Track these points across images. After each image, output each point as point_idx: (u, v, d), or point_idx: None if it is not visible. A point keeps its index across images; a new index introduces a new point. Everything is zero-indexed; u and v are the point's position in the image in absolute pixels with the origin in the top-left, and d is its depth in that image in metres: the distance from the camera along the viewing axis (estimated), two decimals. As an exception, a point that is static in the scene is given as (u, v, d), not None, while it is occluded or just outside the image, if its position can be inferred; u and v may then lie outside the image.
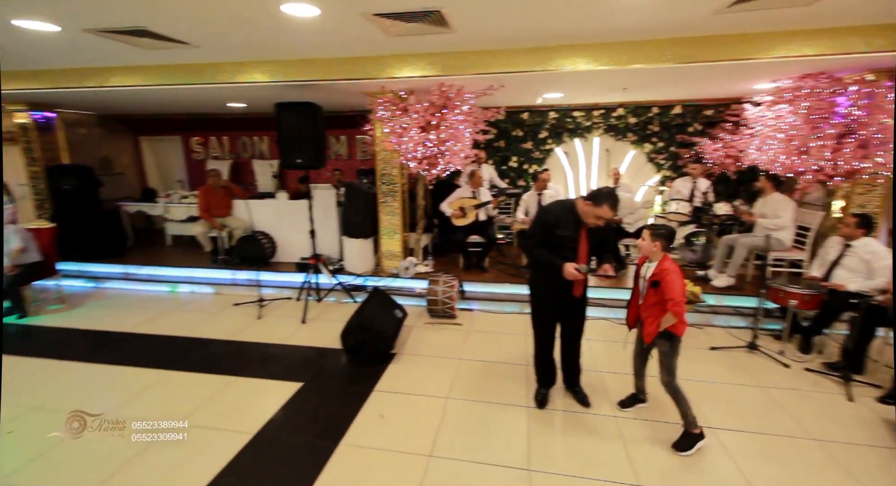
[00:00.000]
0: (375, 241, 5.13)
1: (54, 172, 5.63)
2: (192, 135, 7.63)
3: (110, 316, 4.25)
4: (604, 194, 2.26)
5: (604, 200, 2.24)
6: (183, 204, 6.26)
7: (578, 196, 2.39)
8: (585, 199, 2.31)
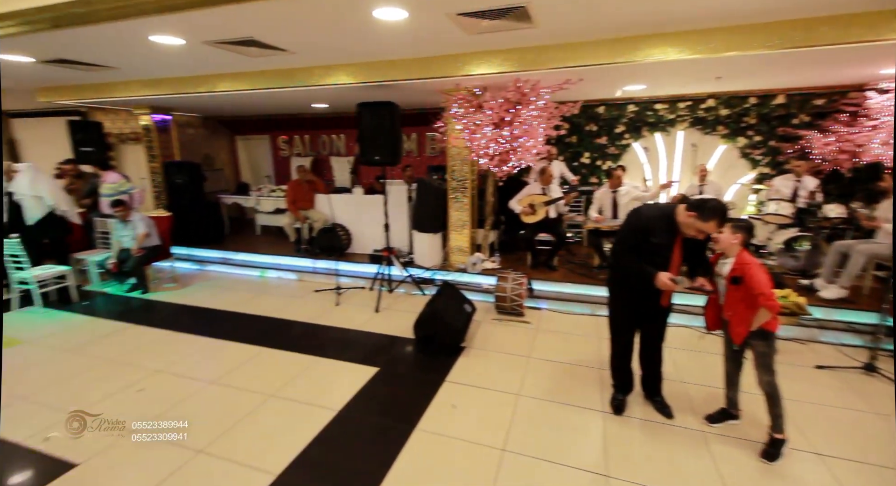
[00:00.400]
0: (444, 236, 5.25)
1: (169, 167, 6.48)
2: (279, 134, 8.33)
3: (213, 296, 4.81)
4: (713, 208, 2.07)
5: (712, 215, 2.06)
6: (271, 197, 6.88)
7: (679, 203, 2.24)
8: (689, 208, 2.13)
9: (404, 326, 3.85)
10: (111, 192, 5.25)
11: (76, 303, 4.59)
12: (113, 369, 3.17)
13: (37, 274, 4.32)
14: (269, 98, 5.63)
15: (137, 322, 4.06)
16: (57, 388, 2.92)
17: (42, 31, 3.07)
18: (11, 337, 3.73)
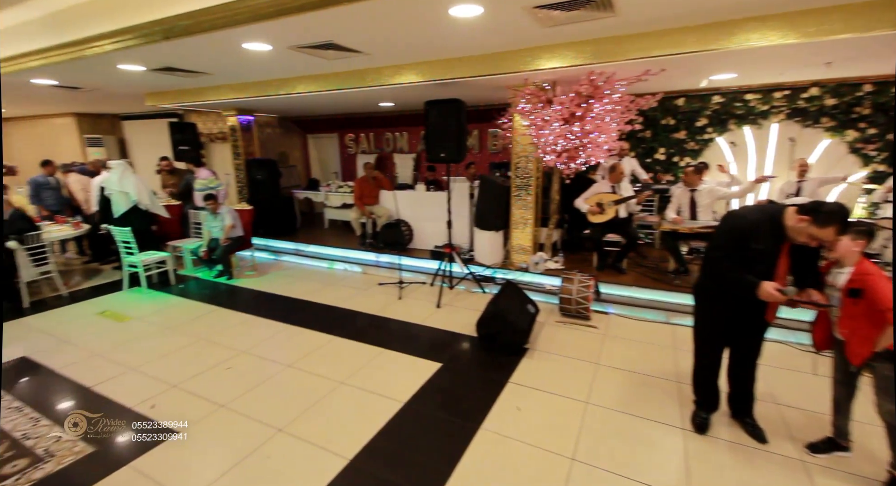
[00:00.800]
0: (505, 234, 5.18)
1: (251, 164, 7.04)
2: (346, 132, 8.71)
3: (288, 284, 5.16)
4: (831, 212, 1.80)
5: (830, 220, 1.79)
6: (339, 193, 7.22)
7: (788, 205, 1.99)
8: (801, 212, 1.87)
9: (465, 323, 3.85)
10: (202, 187, 5.82)
11: (173, 285, 5.16)
12: (205, 348, 3.51)
13: (143, 259, 4.91)
14: (341, 98, 5.88)
15: (224, 306, 4.46)
16: (160, 361, 3.29)
17: (154, 42, 3.45)
18: (122, 314, 4.27)
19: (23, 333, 3.85)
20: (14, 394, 2.85)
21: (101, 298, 4.75)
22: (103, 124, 9.81)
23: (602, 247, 4.75)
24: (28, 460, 2.21)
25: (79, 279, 5.39)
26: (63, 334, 3.81)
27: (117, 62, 4.23)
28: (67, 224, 5.43)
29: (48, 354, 3.42)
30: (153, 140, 9.47)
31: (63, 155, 9.88)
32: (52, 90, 5.94)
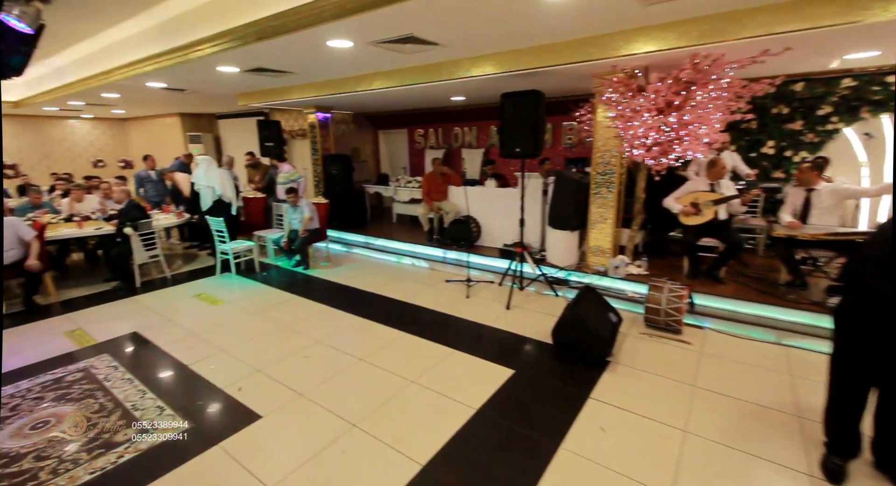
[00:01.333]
0: (581, 234, 4.84)
1: (327, 159, 7.35)
2: (415, 127, 8.78)
3: (359, 277, 5.29)
4: None
5: None
6: (407, 188, 7.29)
7: None
8: None
9: (538, 327, 3.65)
10: (285, 180, 6.16)
11: (258, 273, 5.53)
12: (285, 334, 3.68)
13: (234, 247, 5.31)
14: (413, 93, 5.89)
15: (301, 295, 4.68)
16: (246, 345, 3.51)
17: (248, 43, 3.64)
18: (215, 297, 4.65)
19: (135, 309, 4.34)
20: (125, 366, 3.18)
21: (198, 281, 5.23)
22: (202, 123, 10.88)
23: (696, 252, 4.25)
24: (136, 430, 2.43)
25: (179, 263, 5.99)
26: (166, 312, 4.23)
27: (216, 64, 4.57)
28: (172, 213, 6.06)
29: (154, 330, 3.81)
30: (243, 137, 10.31)
31: (169, 149, 11.15)
32: (162, 92, 6.65)
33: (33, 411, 2.63)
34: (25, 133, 10.51)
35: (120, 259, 4.93)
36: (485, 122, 7.71)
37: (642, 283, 4.12)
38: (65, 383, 2.95)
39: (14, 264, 4.25)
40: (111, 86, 5.91)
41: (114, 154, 11.91)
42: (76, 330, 3.83)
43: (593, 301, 3.33)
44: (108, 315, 4.20)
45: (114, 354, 3.37)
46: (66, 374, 3.08)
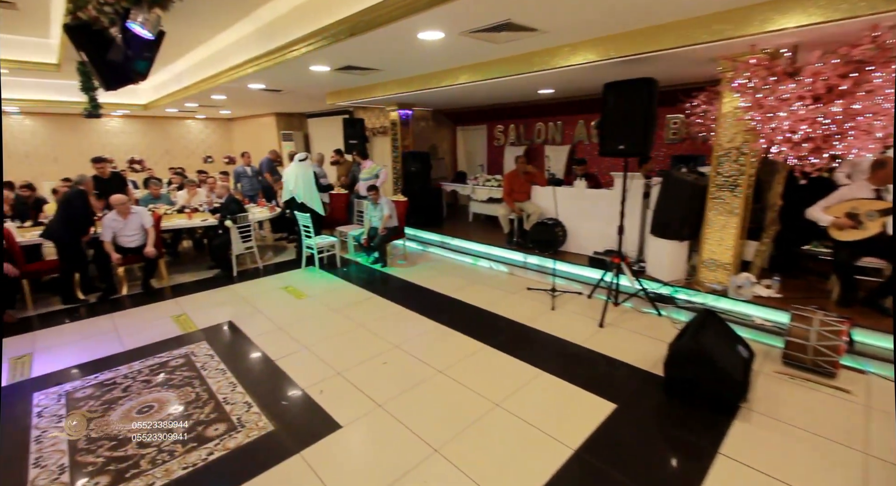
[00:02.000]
0: (692, 245, 4.17)
1: (406, 157, 7.33)
2: (495, 123, 8.44)
3: (435, 277, 5.14)
4: None
5: None
6: (486, 186, 7.00)
7: None
8: None
9: (638, 352, 3.16)
10: (367, 175, 6.22)
11: (338, 268, 5.65)
12: (364, 336, 3.62)
13: (318, 243, 5.47)
14: (499, 87, 5.55)
15: (380, 293, 4.63)
16: (327, 344, 3.50)
17: (342, 40, 3.60)
18: (300, 291, 4.79)
19: (231, 298, 4.62)
20: (220, 355, 3.33)
21: (285, 274, 5.46)
22: (294, 122, 11.61)
23: (851, 274, 3.41)
24: (225, 426, 2.47)
25: (270, 254, 6.36)
26: (257, 303, 4.43)
27: (309, 64, 4.66)
28: (265, 207, 6.44)
29: (246, 320, 3.98)
30: (329, 134, 10.80)
31: (265, 146, 12.08)
32: (261, 94, 7.09)
33: (141, 393, 2.81)
34: (151, 132, 12.08)
35: (221, 249, 5.31)
36: (572, 116, 7.13)
37: (775, 308, 3.40)
38: (169, 367, 3.15)
39: (136, 249, 4.76)
40: (219, 88, 6.41)
41: (220, 151, 13.24)
42: (181, 315, 4.15)
43: (717, 329, 2.77)
44: (208, 302, 4.51)
45: (211, 342, 3.56)
46: (171, 358, 3.29)
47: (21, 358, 3.33)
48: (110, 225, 4.65)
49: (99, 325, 3.95)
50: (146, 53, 3.39)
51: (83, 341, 3.62)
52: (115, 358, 3.32)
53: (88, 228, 4.59)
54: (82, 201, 4.42)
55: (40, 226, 4.85)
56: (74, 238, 4.42)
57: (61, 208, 4.34)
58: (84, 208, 4.46)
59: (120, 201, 4.64)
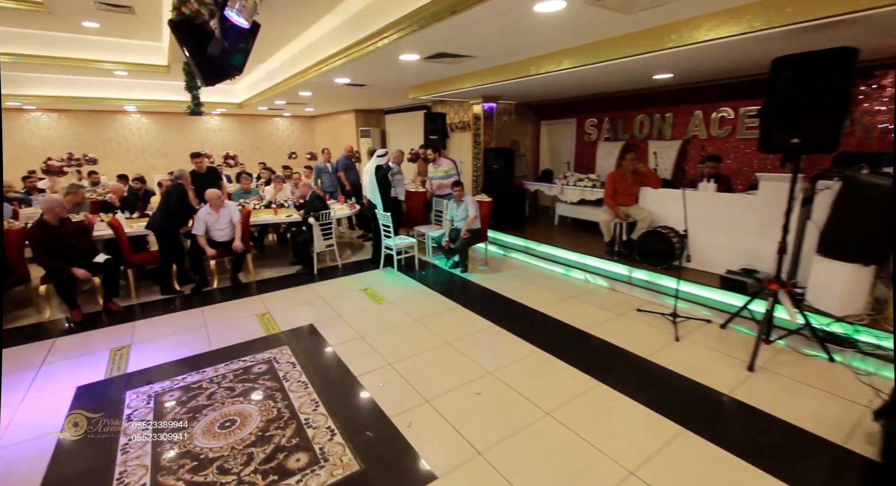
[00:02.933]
0: (880, 270, 3.17)
1: (488, 153, 6.83)
2: (587, 116, 7.61)
3: (522, 288, 4.60)
4: None
5: None
6: (577, 187, 6.28)
7: None
8: None
9: (813, 413, 2.39)
10: (441, 175, 5.83)
11: (416, 271, 5.33)
12: (451, 356, 3.20)
13: (397, 243, 5.19)
14: (609, 72, 4.82)
15: (463, 303, 4.20)
16: (412, 362, 3.13)
17: (439, 20, 3.18)
18: (379, 295, 4.52)
19: (311, 298, 4.48)
20: (302, 365, 3.11)
21: (363, 274, 5.27)
22: (372, 119, 11.67)
23: None
24: (308, 457, 2.18)
25: (349, 253, 6.24)
26: (337, 305, 4.23)
27: (399, 52, 4.34)
28: (345, 204, 6.34)
29: (327, 324, 3.78)
30: (406, 131, 10.67)
31: (343, 143, 12.32)
32: (345, 89, 7.03)
33: (224, 403, 2.65)
34: (244, 129, 12.88)
35: (303, 246, 5.25)
36: (687, 106, 6.12)
37: None
38: (252, 374, 2.99)
39: (226, 243, 4.82)
40: (306, 84, 6.41)
41: (303, 147, 13.80)
42: (265, 314, 4.07)
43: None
44: (290, 301, 4.41)
45: (293, 348, 3.38)
46: (254, 363, 3.14)
47: (121, 350, 3.40)
48: (203, 218, 4.75)
49: (190, 319, 3.99)
50: (241, 45, 3.27)
51: (175, 336, 3.64)
52: (203, 358, 3.25)
53: (186, 221, 4.72)
54: (180, 195, 4.55)
55: (146, 217, 5.12)
56: (173, 230, 4.57)
57: (163, 201, 4.50)
58: (182, 201, 4.59)
59: (214, 195, 4.72)
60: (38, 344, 3.50)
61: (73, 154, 8.34)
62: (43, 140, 10.05)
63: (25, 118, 9.85)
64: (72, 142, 10.35)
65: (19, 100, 8.29)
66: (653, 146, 6.48)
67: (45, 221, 3.86)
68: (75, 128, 10.38)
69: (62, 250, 3.90)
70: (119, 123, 10.94)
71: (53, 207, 3.88)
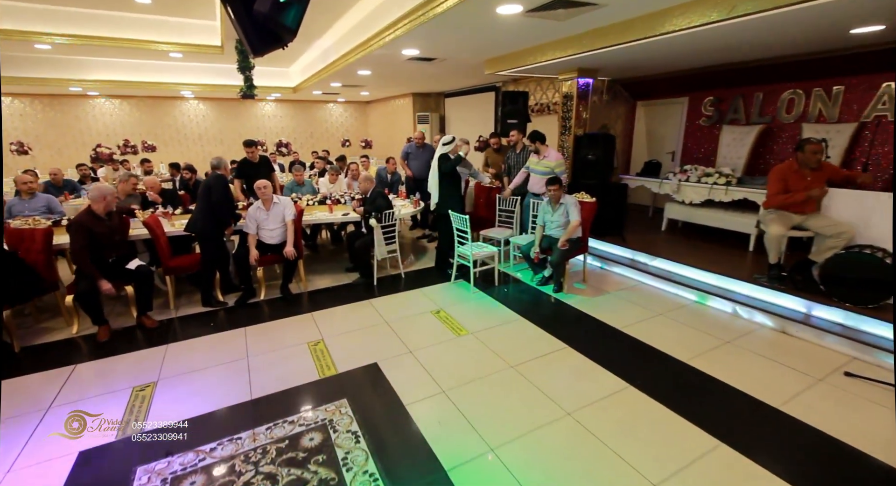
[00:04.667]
0: None
1: (581, 141, 5.59)
2: (704, 94, 6.10)
3: (648, 324, 3.43)
4: None
5: None
6: (702, 185, 4.91)
7: None
8: None
9: None
10: (544, 170, 4.70)
11: (496, 286, 4.31)
12: (589, 445, 2.15)
13: (476, 253, 4.17)
14: (777, 25, 3.44)
15: (573, 343, 3.12)
16: (524, 448, 2.12)
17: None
18: (456, 322, 3.55)
19: (373, 320, 3.60)
20: (367, 436, 2.20)
21: (431, 288, 4.32)
22: (430, 103, 10.67)
23: None
24: None
25: (411, 258, 5.33)
26: (406, 335, 3.32)
27: (497, 4, 3.26)
28: (408, 201, 5.42)
29: (397, 367, 2.87)
30: (468, 116, 9.57)
31: (399, 129, 11.46)
32: (409, 66, 6.05)
33: (262, 514, 1.80)
34: (298, 115, 12.39)
35: (362, 252, 4.38)
36: (868, 76, 4.52)
37: None
38: (301, 449, 2.13)
39: (277, 246, 4.06)
40: (367, 59, 5.51)
41: (357, 134, 13.13)
42: (318, 343, 3.24)
43: None
44: (348, 323, 3.56)
45: (354, 404, 2.49)
46: (305, 428, 2.29)
47: (144, 389, 2.68)
48: (254, 215, 4.01)
49: (231, 345, 3.24)
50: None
51: (211, 370, 2.89)
52: (240, 412, 2.46)
53: (230, 219, 3.99)
54: (222, 188, 3.80)
55: (189, 213, 4.48)
56: (216, 231, 3.85)
57: (203, 197, 3.77)
58: (225, 196, 3.84)
59: (262, 185, 3.96)
60: (55, 373, 2.88)
61: (129, 140, 8.07)
62: (106, 126, 10.05)
63: (90, 104, 9.86)
64: (134, 128, 10.29)
65: (79, 85, 8.13)
66: (808, 130, 4.92)
67: (93, 212, 3.26)
68: (136, 114, 10.31)
69: (105, 247, 3.31)
70: (178, 110, 10.77)
71: (106, 195, 3.29)
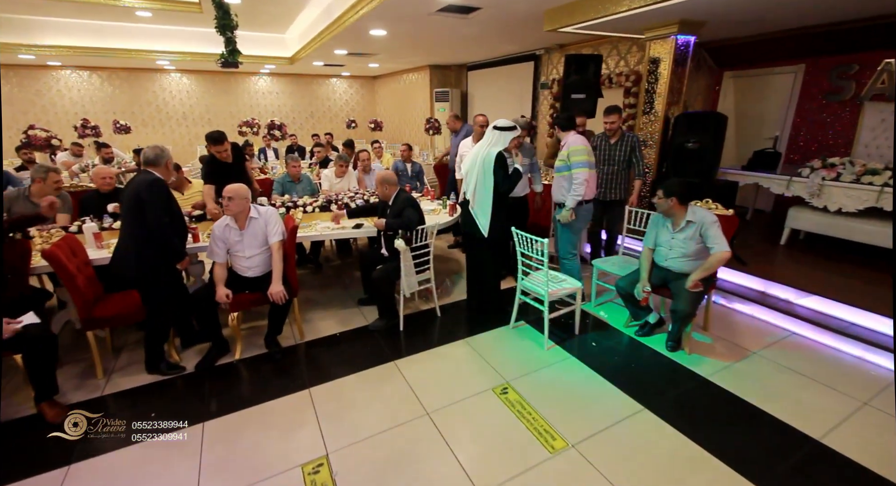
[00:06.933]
0: None
1: (678, 123, 4.13)
2: (833, 59, 4.58)
3: (850, 428, 2.07)
4: None
5: None
6: (860, 186, 3.47)
7: None
8: None
9: None
10: (561, 165, 3.24)
11: (575, 337, 2.97)
12: None
13: (552, 289, 2.80)
14: None
15: (714, 448, 1.80)
16: None
17: None
18: (542, 420, 2.21)
19: (404, 411, 2.28)
20: None
21: (479, 338, 2.98)
22: (450, 77, 9.10)
23: None
24: None
25: (447, 284, 3.96)
26: (462, 447, 2.00)
27: None
28: (437, 203, 4.05)
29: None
30: (495, 92, 8.04)
31: (412, 109, 9.92)
32: (433, 26, 4.58)
33: None
34: (297, 92, 10.85)
35: (382, 285, 3.03)
36: None
37: None
38: None
39: (258, 280, 2.73)
40: (384, 9, 4.04)
41: (364, 114, 11.59)
42: (319, 468, 1.92)
43: None
44: (365, 418, 2.24)
45: None
46: None
47: None
48: (222, 236, 2.66)
49: (177, 465, 1.94)
50: None
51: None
52: None
53: (182, 246, 2.62)
54: (162, 201, 2.39)
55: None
56: (162, 266, 2.49)
57: (130, 215, 2.37)
58: (166, 211, 2.42)
59: (230, 193, 2.57)
60: None
61: (89, 120, 6.66)
62: (74, 103, 8.62)
63: (53, 77, 8.40)
64: (106, 105, 8.86)
65: (31, 52, 6.67)
66: None
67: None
68: (108, 90, 8.85)
69: None
70: (157, 84, 9.29)
71: None
